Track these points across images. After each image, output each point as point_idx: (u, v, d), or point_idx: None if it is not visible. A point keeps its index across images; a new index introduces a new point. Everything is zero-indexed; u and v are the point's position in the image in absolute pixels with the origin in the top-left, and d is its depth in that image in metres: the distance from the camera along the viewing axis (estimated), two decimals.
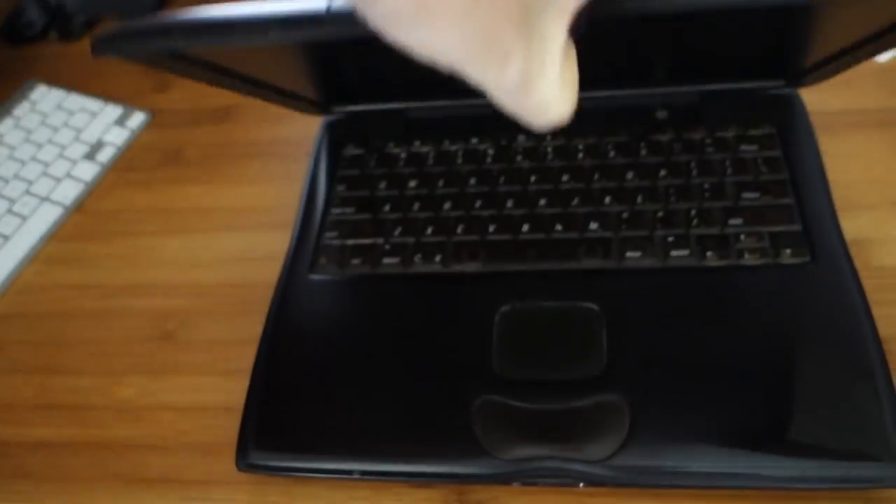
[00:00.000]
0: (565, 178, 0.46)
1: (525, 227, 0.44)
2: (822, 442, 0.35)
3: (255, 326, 0.44)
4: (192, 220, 0.53)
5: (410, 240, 0.45)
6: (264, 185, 0.54)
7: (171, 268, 0.51)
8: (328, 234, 0.46)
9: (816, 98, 0.50)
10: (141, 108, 0.62)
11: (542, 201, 0.45)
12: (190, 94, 0.63)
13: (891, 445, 0.34)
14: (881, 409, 0.35)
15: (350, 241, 0.46)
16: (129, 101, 0.63)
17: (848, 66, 0.41)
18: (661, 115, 0.48)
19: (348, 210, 0.47)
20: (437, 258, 0.44)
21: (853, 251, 0.42)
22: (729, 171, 0.45)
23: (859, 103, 0.51)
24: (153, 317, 0.48)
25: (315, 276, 0.45)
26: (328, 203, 0.48)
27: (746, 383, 0.37)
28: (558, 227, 0.44)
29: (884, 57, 0.53)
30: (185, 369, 0.45)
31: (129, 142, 0.60)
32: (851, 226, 0.44)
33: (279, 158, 0.56)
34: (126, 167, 0.58)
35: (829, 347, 0.37)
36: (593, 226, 0.44)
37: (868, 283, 0.40)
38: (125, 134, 0.60)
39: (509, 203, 0.46)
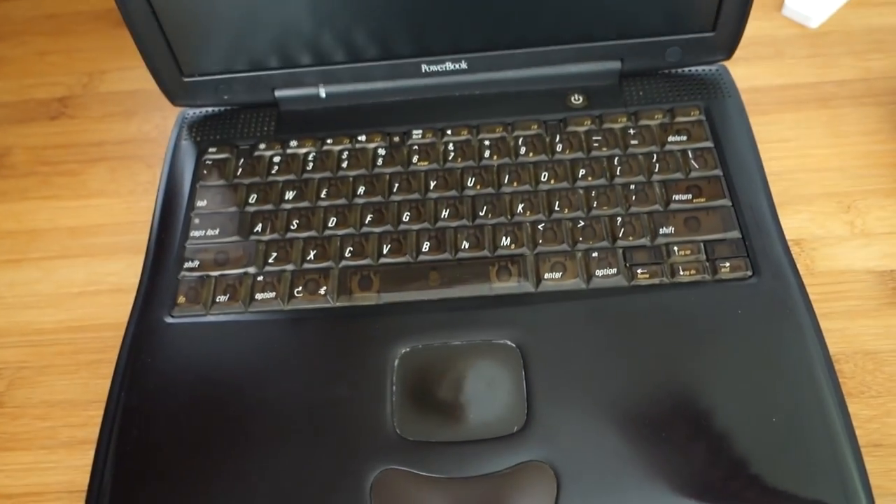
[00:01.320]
0: (470, 182, 0.39)
1: (425, 247, 0.37)
2: (772, 491, 0.30)
3: (105, 382, 0.36)
4: (21, 247, 0.44)
5: (288, 268, 0.37)
6: (111, 197, 0.45)
7: None
8: (188, 265, 0.38)
9: (745, 72, 0.45)
10: None
11: (444, 213, 0.38)
12: (16, 81, 0.52)
13: (849, 491, 0.30)
14: (836, 450, 0.30)
15: (215, 273, 0.38)
16: None
17: None
18: (577, 100, 0.42)
19: (211, 232, 0.39)
20: (322, 290, 0.36)
21: (795, 253, 0.37)
22: (657, 168, 0.39)
23: (792, 76, 0.46)
24: None
25: (173, 320, 0.36)
26: (186, 223, 0.40)
27: (687, 428, 0.31)
28: (465, 244, 0.37)
29: (815, 21, 0.47)
30: (16, 442, 0.37)
31: None
32: (792, 224, 0.39)
33: (129, 162, 0.47)
34: None
35: (776, 379, 0.32)
36: (505, 241, 0.37)
37: (814, 292, 0.35)
38: None
39: (405, 217, 0.38)
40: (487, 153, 0.40)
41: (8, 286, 0.42)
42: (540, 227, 0.37)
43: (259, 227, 0.39)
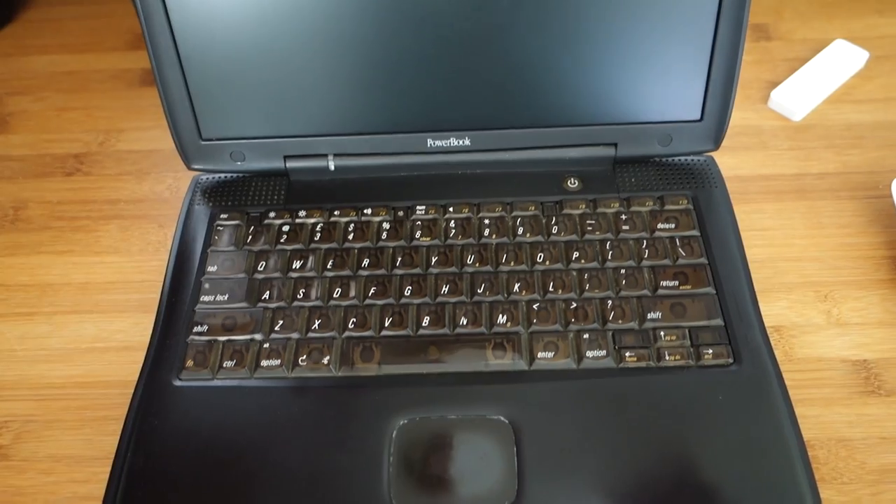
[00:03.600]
0: (469, 259, 0.41)
1: (425, 321, 0.39)
2: None
3: (110, 439, 0.37)
4: (33, 300, 0.45)
5: (294, 336, 0.39)
6: (123, 255, 0.47)
7: (5, 362, 0.42)
8: (197, 329, 0.40)
9: (731, 161, 0.48)
10: None
11: (444, 288, 0.40)
12: (34, 135, 0.54)
13: None
14: None
15: (222, 338, 0.39)
16: None
17: None
18: (573, 184, 0.44)
19: (220, 298, 0.41)
20: (326, 360, 0.38)
21: (774, 340, 0.40)
22: (646, 253, 0.41)
23: (775, 167, 0.48)
24: None
25: (181, 383, 0.38)
26: (197, 287, 0.41)
27: None
28: (463, 320, 0.39)
29: (798, 115, 0.50)
30: (22, 497, 0.38)
31: None
32: (772, 311, 0.41)
33: (142, 221, 0.48)
34: None
35: (753, 462, 0.34)
36: (501, 319, 0.39)
37: (791, 378, 0.37)
38: None
39: (407, 291, 0.40)
40: (487, 231, 0.43)
41: (19, 339, 0.43)
42: (535, 306, 0.39)
43: (267, 295, 0.41)
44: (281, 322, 0.40)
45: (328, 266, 0.42)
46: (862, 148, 0.49)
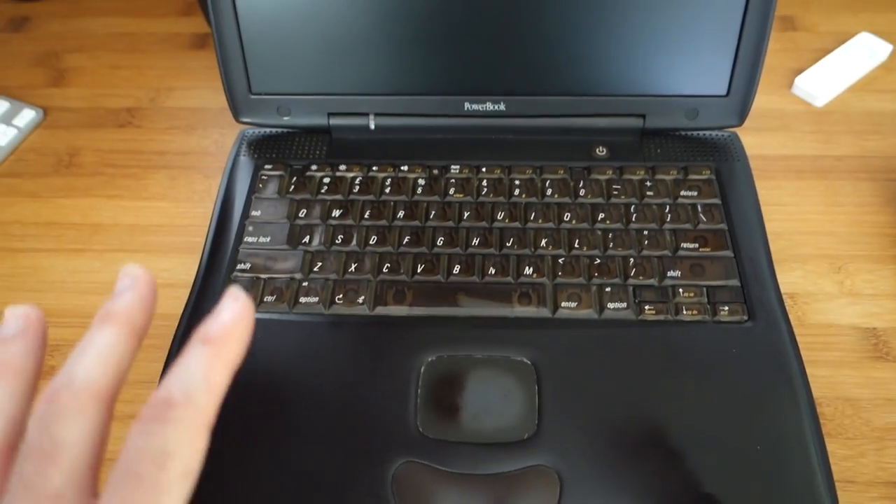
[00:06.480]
0: (500, 216, 0.44)
1: (456, 269, 0.41)
2: None
3: (154, 365, 0.40)
4: (84, 238, 0.48)
5: (331, 277, 0.41)
6: (170, 202, 0.49)
7: (57, 293, 0.45)
8: (240, 266, 0.42)
9: (755, 141, 0.50)
10: (31, 103, 0.55)
11: (475, 241, 0.42)
12: (89, 90, 0.57)
13: None
14: (812, 479, 0.34)
15: (264, 276, 0.42)
16: (17, 94, 0.56)
17: None
18: (601, 152, 0.46)
19: (263, 240, 0.43)
20: (361, 299, 0.40)
21: (788, 305, 0.41)
22: (668, 218, 0.43)
23: (797, 148, 0.50)
24: None
25: None
26: (241, 230, 0.44)
27: (681, 451, 0.35)
28: (491, 270, 0.41)
29: (821, 101, 0.52)
30: None
31: (16, 143, 0.53)
32: (787, 279, 0.43)
33: (188, 172, 0.51)
34: (10, 172, 0.52)
35: (763, 413, 0.36)
36: (528, 270, 0.41)
37: (803, 342, 0.39)
38: (11, 133, 0.53)
39: (439, 241, 0.42)
40: (517, 191, 0.45)
41: (70, 272, 0.46)
42: (560, 260, 0.41)
43: (307, 239, 0.43)
44: (320, 264, 0.42)
45: (365, 216, 0.44)
46: (881, 134, 0.51)
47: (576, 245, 0.42)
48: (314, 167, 0.47)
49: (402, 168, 0.46)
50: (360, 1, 0.43)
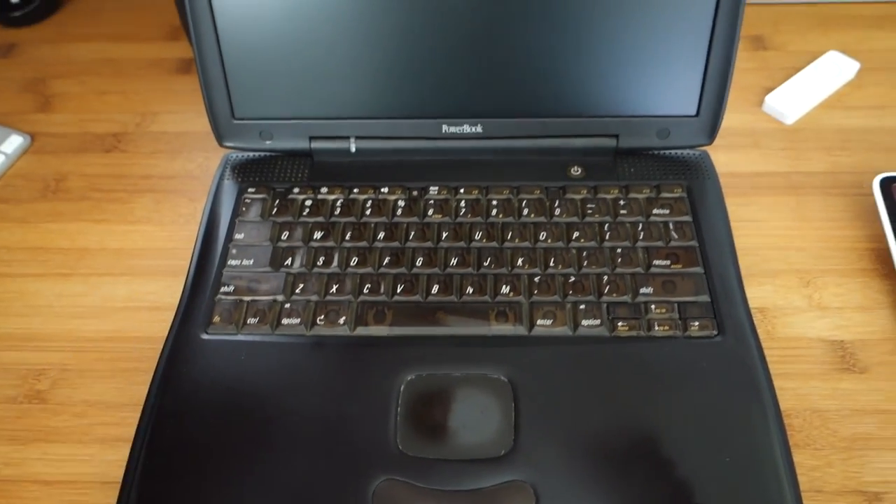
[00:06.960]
0: (477, 236, 0.45)
1: (434, 289, 0.42)
2: None
3: (139, 388, 0.41)
4: (71, 263, 0.49)
5: (313, 298, 0.42)
6: (155, 225, 0.50)
7: (44, 317, 0.46)
8: (224, 289, 0.43)
9: (726, 159, 0.51)
10: (19, 129, 0.56)
11: (453, 261, 0.43)
12: (76, 115, 0.58)
13: None
14: (780, 489, 0.35)
15: (247, 298, 0.43)
16: (4, 120, 0.57)
17: None
18: (576, 171, 0.48)
19: (246, 262, 0.44)
20: (342, 320, 0.41)
21: (758, 319, 0.42)
22: (641, 235, 0.44)
23: (767, 165, 0.51)
24: (22, 374, 0.43)
25: (208, 336, 0.41)
26: (225, 253, 0.45)
27: (653, 464, 0.36)
28: (469, 289, 0.42)
29: (790, 119, 0.54)
30: (56, 436, 0.41)
31: (4, 169, 0.54)
32: (757, 294, 0.44)
33: (173, 195, 0.52)
34: None
35: (732, 425, 0.37)
36: (505, 289, 0.42)
37: (772, 354, 0.40)
38: None
39: (418, 262, 0.44)
40: (494, 211, 0.46)
41: (57, 297, 0.47)
42: (536, 279, 0.43)
43: (289, 261, 0.44)
44: (301, 286, 0.43)
45: (346, 237, 0.45)
46: (850, 150, 0.52)
47: (551, 263, 0.43)
48: (296, 190, 0.48)
49: (382, 190, 0.47)
50: (339, 28, 0.45)
